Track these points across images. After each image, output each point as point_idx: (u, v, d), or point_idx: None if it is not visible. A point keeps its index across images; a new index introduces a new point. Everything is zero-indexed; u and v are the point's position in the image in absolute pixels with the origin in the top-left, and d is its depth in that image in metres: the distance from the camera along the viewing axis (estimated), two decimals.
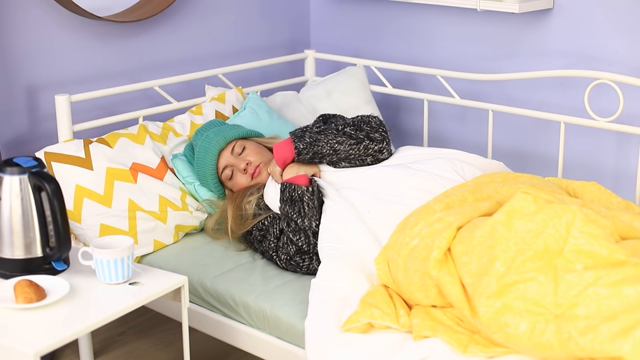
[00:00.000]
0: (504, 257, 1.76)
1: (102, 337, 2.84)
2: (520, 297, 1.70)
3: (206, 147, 2.55)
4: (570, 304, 1.66)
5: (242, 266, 2.38)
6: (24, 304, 1.89)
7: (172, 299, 2.10)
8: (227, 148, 2.56)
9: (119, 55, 2.92)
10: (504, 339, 1.72)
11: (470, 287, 1.79)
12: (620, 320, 1.58)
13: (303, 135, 2.41)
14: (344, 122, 2.47)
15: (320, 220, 2.26)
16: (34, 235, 2.04)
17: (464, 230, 1.90)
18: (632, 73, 2.66)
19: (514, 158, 3.00)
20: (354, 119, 2.48)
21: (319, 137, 2.40)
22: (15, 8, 2.62)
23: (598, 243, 1.71)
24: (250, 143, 2.58)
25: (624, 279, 1.64)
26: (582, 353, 1.61)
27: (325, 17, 3.49)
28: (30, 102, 2.71)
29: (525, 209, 1.81)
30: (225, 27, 3.24)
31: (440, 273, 1.86)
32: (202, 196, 2.61)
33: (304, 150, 2.38)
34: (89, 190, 2.43)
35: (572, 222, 1.75)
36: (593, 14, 2.74)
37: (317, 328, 1.94)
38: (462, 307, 1.82)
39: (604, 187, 2.21)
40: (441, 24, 3.13)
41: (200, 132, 2.63)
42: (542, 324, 1.66)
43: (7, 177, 2.03)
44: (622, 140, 2.75)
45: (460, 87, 3.02)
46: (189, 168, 2.63)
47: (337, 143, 2.39)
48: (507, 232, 1.79)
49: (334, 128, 2.44)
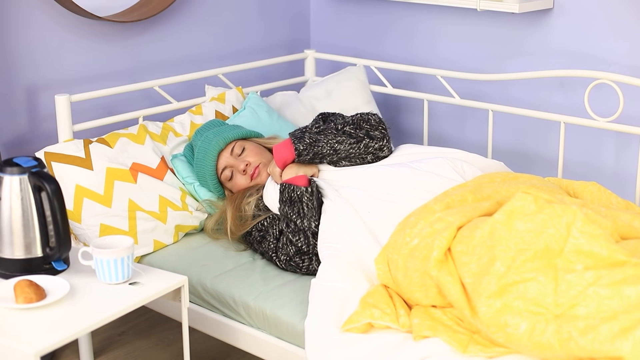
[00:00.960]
0: (504, 257, 1.76)
1: (102, 337, 2.84)
2: (520, 297, 1.70)
3: (206, 148, 2.55)
4: (570, 304, 1.66)
5: (242, 266, 2.38)
6: (24, 304, 1.89)
7: (172, 299, 2.10)
8: (227, 149, 2.55)
9: (119, 55, 2.92)
10: (504, 339, 1.72)
11: (471, 287, 1.79)
12: (620, 320, 1.58)
13: (303, 136, 2.41)
14: (343, 121, 2.47)
15: (319, 220, 2.25)
16: (34, 235, 2.03)
17: (464, 230, 1.90)
18: (632, 73, 2.66)
19: (514, 158, 3.00)
20: (354, 117, 2.48)
21: (318, 138, 2.40)
22: (15, 8, 2.62)
23: (598, 243, 1.71)
24: (249, 144, 2.58)
25: (624, 279, 1.64)
26: (582, 353, 1.61)
27: (325, 17, 3.49)
28: (30, 102, 2.71)
29: (525, 209, 1.81)
30: (225, 27, 3.24)
31: (440, 273, 1.86)
32: (202, 196, 2.61)
33: (304, 151, 2.38)
34: (89, 190, 2.43)
35: (572, 222, 1.75)
36: (593, 14, 2.74)
37: (317, 328, 1.94)
38: (462, 307, 1.82)
39: (604, 187, 2.21)
40: (441, 24, 3.13)
41: (199, 133, 2.63)
42: (542, 324, 1.66)
43: (7, 177, 2.03)
44: (622, 140, 2.75)
45: (460, 87, 3.02)
46: (189, 168, 2.63)
47: (337, 143, 2.39)
48: (508, 232, 1.79)
49: (333, 127, 2.44)
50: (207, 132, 2.60)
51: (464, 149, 2.96)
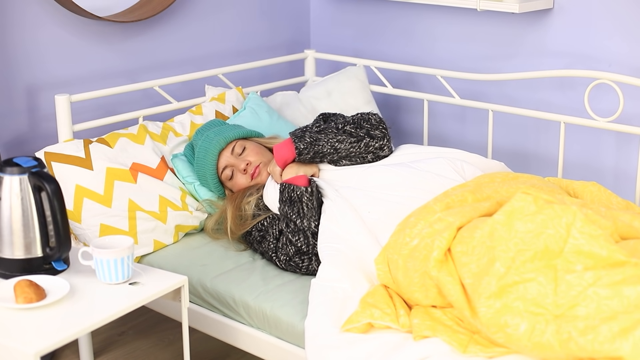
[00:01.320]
0: (504, 257, 1.76)
1: (102, 337, 2.84)
2: (520, 297, 1.70)
3: (206, 147, 2.55)
4: (570, 304, 1.66)
5: (242, 266, 2.38)
6: (24, 304, 1.89)
7: (172, 299, 2.10)
8: (227, 148, 2.55)
9: (119, 55, 2.92)
10: (504, 339, 1.72)
11: (470, 287, 1.79)
12: (620, 320, 1.58)
13: (303, 135, 2.41)
14: (343, 121, 2.47)
15: (319, 220, 2.25)
16: (34, 235, 2.03)
17: (464, 231, 1.90)
18: (632, 73, 2.66)
19: (514, 158, 3.00)
20: (354, 116, 2.48)
21: (319, 137, 2.40)
22: (15, 8, 2.62)
23: (598, 244, 1.71)
24: (250, 143, 2.58)
25: (624, 280, 1.64)
26: (582, 353, 1.61)
27: (325, 17, 3.49)
28: (30, 102, 2.71)
29: (525, 210, 1.81)
30: (225, 27, 3.24)
31: (440, 273, 1.86)
32: (202, 196, 2.61)
33: (304, 150, 2.38)
34: (89, 190, 2.43)
35: (572, 222, 1.75)
36: (593, 14, 2.74)
37: (317, 328, 1.94)
38: (462, 308, 1.82)
39: (604, 187, 2.21)
40: (441, 24, 3.13)
41: (200, 132, 2.63)
42: (542, 324, 1.66)
43: (7, 177, 2.03)
44: (622, 140, 2.75)
45: (460, 87, 3.02)
46: (189, 168, 2.63)
47: (337, 142, 2.39)
48: (507, 233, 1.79)
49: (333, 127, 2.44)
50: (208, 132, 2.60)
51: (464, 149, 2.96)
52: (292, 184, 2.29)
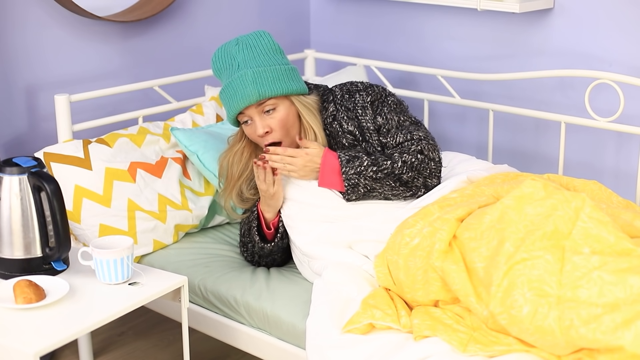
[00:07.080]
0: (514, 238, 1.78)
1: (102, 337, 2.83)
2: (526, 273, 1.72)
3: (236, 89, 2.23)
4: (573, 284, 1.67)
5: (244, 266, 2.38)
6: (24, 304, 1.88)
7: (172, 299, 2.10)
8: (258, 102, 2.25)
9: (119, 55, 2.91)
10: (507, 320, 1.73)
11: (483, 270, 1.80)
12: (623, 311, 1.60)
13: (357, 185, 2.17)
14: (401, 162, 2.18)
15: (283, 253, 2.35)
16: (33, 235, 2.03)
17: (470, 218, 1.92)
18: (632, 73, 2.66)
19: (514, 158, 2.99)
20: (412, 157, 2.18)
21: (374, 187, 2.18)
22: (15, 8, 2.62)
23: (606, 229, 1.74)
24: (283, 107, 2.25)
25: (630, 268, 1.65)
26: (582, 342, 1.62)
27: (325, 17, 3.49)
28: (29, 102, 2.71)
29: (535, 195, 1.84)
30: (225, 27, 3.24)
31: (444, 263, 1.87)
32: (207, 165, 2.54)
33: (354, 199, 2.21)
34: (88, 190, 2.42)
35: (581, 207, 1.78)
36: (594, 14, 2.74)
37: (318, 328, 1.94)
38: (466, 294, 1.82)
39: (604, 186, 2.21)
40: (441, 23, 3.13)
41: (237, 59, 2.26)
42: (545, 307, 1.67)
43: (7, 177, 2.03)
44: (622, 140, 2.74)
45: (460, 87, 3.02)
46: (191, 137, 2.58)
47: (392, 195, 2.21)
48: (517, 216, 1.82)
49: (390, 171, 2.17)
50: (247, 70, 2.23)
51: (464, 149, 2.97)
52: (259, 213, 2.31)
